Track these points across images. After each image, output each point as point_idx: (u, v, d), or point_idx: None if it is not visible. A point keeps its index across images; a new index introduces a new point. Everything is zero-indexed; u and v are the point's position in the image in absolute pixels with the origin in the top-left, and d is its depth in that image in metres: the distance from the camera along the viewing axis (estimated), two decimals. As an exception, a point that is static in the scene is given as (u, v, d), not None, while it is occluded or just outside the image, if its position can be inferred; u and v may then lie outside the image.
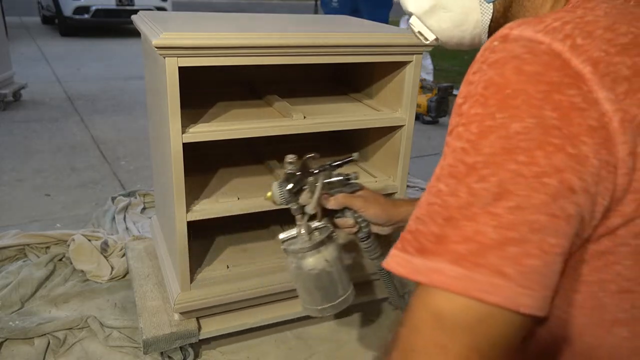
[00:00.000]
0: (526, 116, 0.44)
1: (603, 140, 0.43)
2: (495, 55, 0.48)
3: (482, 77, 0.48)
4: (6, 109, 3.96)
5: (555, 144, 0.43)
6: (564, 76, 0.44)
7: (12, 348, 1.55)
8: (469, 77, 0.50)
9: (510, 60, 0.46)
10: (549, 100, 0.44)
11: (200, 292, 1.43)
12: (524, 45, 0.46)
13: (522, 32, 0.47)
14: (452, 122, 0.50)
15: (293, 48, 1.28)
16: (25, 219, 2.32)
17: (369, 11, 4.01)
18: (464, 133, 0.48)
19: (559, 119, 0.44)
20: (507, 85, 0.45)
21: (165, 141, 1.31)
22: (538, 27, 0.47)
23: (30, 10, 10.13)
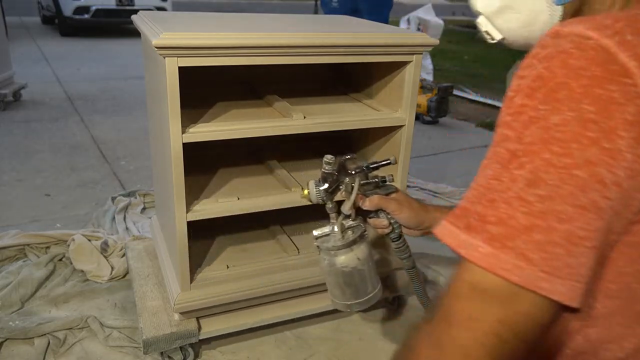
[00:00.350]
0: (566, 109, 0.46)
1: (639, 134, 0.44)
2: (545, 51, 0.50)
3: (532, 72, 0.50)
4: (6, 109, 3.96)
5: (591, 137, 0.45)
6: (607, 71, 0.45)
7: (12, 348, 1.55)
8: (521, 72, 0.52)
9: (557, 54, 0.48)
10: (589, 94, 0.45)
11: (200, 292, 1.43)
12: (572, 41, 0.48)
13: (572, 29, 0.49)
14: (502, 112, 0.53)
15: (293, 48, 1.28)
16: (25, 219, 2.32)
17: (369, 11, 4.01)
18: (511, 123, 0.50)
19: (597, 112, 0.45)
20: (552, 79, 0.47)
21: (165, 141, 1.31)
22: (589, 24, 0.48)
23: (30, 10, 10.13)
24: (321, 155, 1.23)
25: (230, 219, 1.47)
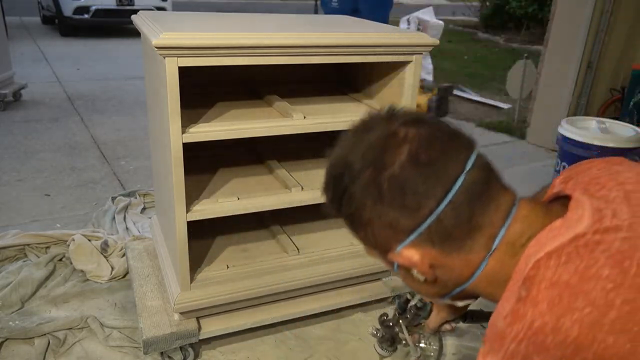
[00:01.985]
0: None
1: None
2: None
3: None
4: (6, 109, 3.96)
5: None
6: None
7: (12, 348, 1.55)
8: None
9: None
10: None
11: (200, 292, 1.43)
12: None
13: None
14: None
15: (293, 48, 1.28)
16: (25, 219, 2.32)
17: (369, 11, 4.01)
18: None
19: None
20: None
21: (165, 141, 1.31)
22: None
23: (30, 10, 10.13)
24: (321, 155, 1.23)
25: (230, 219, 1.47)
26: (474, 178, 0.65)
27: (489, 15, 11.52)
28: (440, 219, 0.65)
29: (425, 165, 0.64)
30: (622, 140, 2.42)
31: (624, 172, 0.70)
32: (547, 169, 3.27)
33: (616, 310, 0.53)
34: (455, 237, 0.66)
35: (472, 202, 0.65)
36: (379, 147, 0.67)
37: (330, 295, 1.66)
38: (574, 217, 0.63)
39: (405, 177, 0.64)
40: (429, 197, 0.64)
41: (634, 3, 3.41)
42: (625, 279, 0.55)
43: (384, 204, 0.66)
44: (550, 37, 3.60)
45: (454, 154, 0.66)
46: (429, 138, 0.66)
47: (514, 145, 3.81)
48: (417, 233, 0.66)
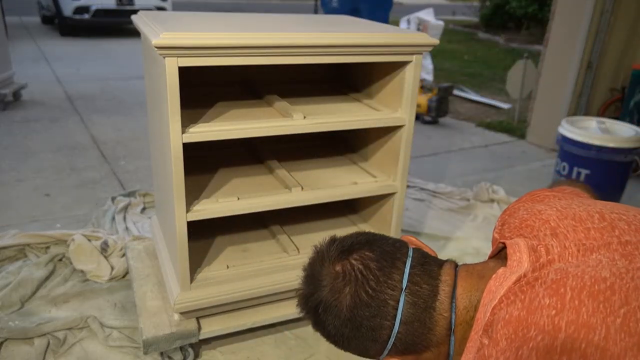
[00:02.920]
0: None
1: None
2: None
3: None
4: (6, 109, 3.96)
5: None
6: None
7: (12, 348, 1.55)
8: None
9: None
10: None
11: (200, 292, 1.43)
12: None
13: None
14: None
15: (293, 48, 1.28)
16: (25, 219, 2.32)
17: (369, 11, 4.01)
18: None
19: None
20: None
21: (165, 141, 1.31)
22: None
23: (30, 10, 10.13)
24: (321, 155, 1.24)
25: (230, 219, 1.47)
26: (414, 289, 0.74)
27: (489, 15, 11.52)
28: (399, 338, 0.74)
29: (367, 305, 0.73)
30: (622, 140, 2.42)
31: (546, 211, 0.79)
32: (547, 169, 3.27)
33: (563, 332, 0.59)
34: (418, 342, 0.75)
35: (420, 312, 0.74)
36: (329, 294, 0.76)
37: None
38: (515, 261, 0.71)
39: (356, 318, 0.74)
40: (382, 327, 0.74)
41: (634, 3, 3.41)
42: (564, 303, 0.61)
43: (351, 340, 0.76)
44: (550, 37, 3.60)
45: (388, 278, 0.74)
46: (363, 271, 0.75)
47: (514, 145, 3.81)
48: (385, 354, 0.77)
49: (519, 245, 0.73)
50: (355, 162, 1.77)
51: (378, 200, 1.72)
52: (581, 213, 0.77)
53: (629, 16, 3.44)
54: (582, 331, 0.59)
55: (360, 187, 1.57)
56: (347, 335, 0.76)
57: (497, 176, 3.10)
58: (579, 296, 0.61)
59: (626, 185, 2.58)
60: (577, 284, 0.63)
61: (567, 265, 0.67)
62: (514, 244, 0.74)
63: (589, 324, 0.59)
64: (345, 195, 1.55)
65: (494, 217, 2.53)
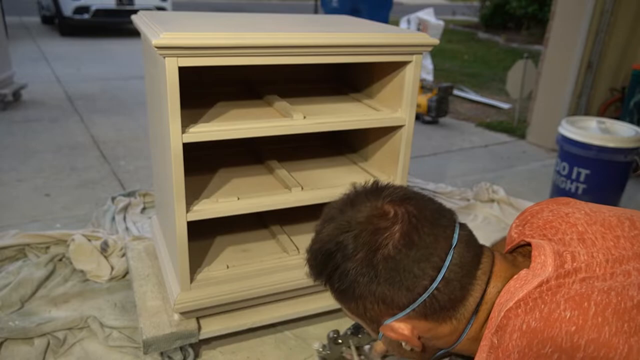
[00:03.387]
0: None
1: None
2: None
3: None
4: (6, 109, 3.96)
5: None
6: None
7: (12, 348, 1.55)
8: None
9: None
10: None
11: (200, 292, 1.43)
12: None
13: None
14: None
15: (293, 48, 1.28)
16: (25, 219, 2.32)
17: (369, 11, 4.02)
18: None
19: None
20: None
21: (165, 141, 1.31)
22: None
23: (30, 10, 10.13)
24: (321, 155, 1.24)
25: (230, 219, 1.47)
26: (461, 251, 0.71)
27: (489, 15, 11.52)
28: (434, 295, 0.69)
29: (418, 246, 0.68)
30: (622, 140, 2.42)
31: (574, 214, 0.75)
32: (547, 169, 3.27)
33: (582, 352, 0.57)
34: (447, 308, 0.71)
35: (462, 275, 0.70)
36: (371, 227, 0.70)
37: (330, 295, 1.65)
38: (538, 265, 0.68)
39: (400, 258, 0.68)
40: (423, 277, 0.68)
41: (634, 3, 3.41)
42: (586, 319, 0.58)
43: (379, 283, 0.69)
44: (550, 37, 3.60)
45: (441, 229, 0.70)
46: (418, 216, 0.70)
47: (514, 145, 3.81)
48: (411, 309, 0.70)
49: (544, 248, 0.70)
50: (355, 162, 1.77)
51: (378, 200, 1.72)
52: (611, 219, 0.73)
53: (629, 16, 3.44)
54: (602, 351, 0.56)
55: (360, 187, 1.57)
56: (376, 277, 0.69)
57: (497, 176, 3.10)
58: (603, 313, 0.59)
59: (626, 185, 2.58)
60: (602, 300, 0.60)
61: (593, 277, 0.64)
62: (539, 246, 0.71)
63: (610, 344, 0.57)
64: (345, 195, 1.55)
65: (494, 217, 2.53)
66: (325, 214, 0.77)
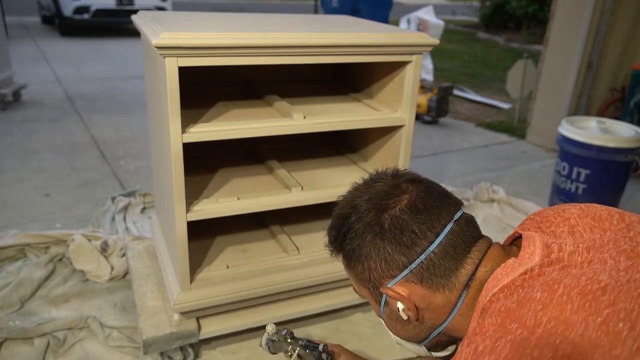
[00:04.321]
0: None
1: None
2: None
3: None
4: (6, 109, 3.96)
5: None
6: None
7: (12, 348, 1.55)
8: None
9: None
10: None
11: (200, 292, 1.43)
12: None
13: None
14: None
15: (293, 48, 1.28)
16: (25, 219, 2.32)
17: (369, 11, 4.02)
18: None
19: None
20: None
21: (165, 141, 1.31)
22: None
23: (30, 10, 10.13)
24: (321, 155, 1.24)
25: (230, 219, 1.47)
26: (460, 226, 0.78)
27: (489, 15, 11.52)
28: (430, 257, 0.75)
29: (422, 212, 0.77)
30: (622, 140, 2.42)
31: (569, 209, 0.81)
32: (547, 169, 3.27)
33: (542, 327, 0.60)
34: (440, 275, 0.76)
35: (458, 246, 0.77)
36: (384, 194, 0.79)
37: (330, 295, 1.66)
38: (526, 254, 0.73)
39: (405, 219, 0.76)
40: (423, 237, 0.75)
41: (634, 3, 3.41)
42: (552, 299, 0.62)
43: (384, 240, 0.77)
44: (550, 37, 3.60)
45: (445, 206, 0.78)
46: (426, 192, 0.79)
47: (514, 145, 3.81)
48: (409, 270, 0.76)
49: (534, 240, 0.75)
50: (355, 162, 1.77)
51: (378, 200, 1.72)
52: (602, 212, 0.78)
53: (629, 16, 3.44)
54: (560, 327, 0.60)
55: (360, 187, 1.57)
56: (381, 234, 0.76)
57: (497, 176, 3.10)
58: (569, 293, 0.62)
59: (626, 185, 2.58)
60: (571, 282, 0.64)
61: (572, 265, 0.69)
62: (529, 237, 0.76)
63: (569, 321, 0.60)
64: (345, 195, 1.55)
65: (494, 217, 2.53)
66: (350, 189, 0.86)
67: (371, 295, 0.84)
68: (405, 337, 0.87)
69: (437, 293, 0.77)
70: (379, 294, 0.81)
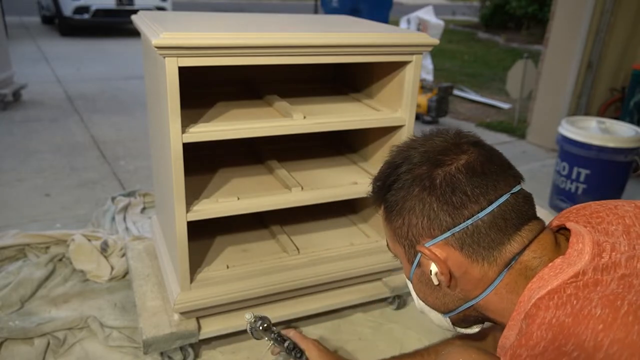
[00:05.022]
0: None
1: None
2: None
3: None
4: (6, 109, 3.96)
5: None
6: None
7: (12, 348, 1.55)
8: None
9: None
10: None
11: (200, 292, 1.43)
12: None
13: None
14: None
15: (293, 48, 1.28)
16: (25, 219, 2.32)
17: (369, 11, 4.02)
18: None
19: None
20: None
21: (165, 141, 1.31)
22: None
23: (30, 10, 10.13)
24: (321, 155, 1.24)
25: (230, 219, 1.47)
26: (517, 200, 0.72)
27: (489, 15, 11.52)
28: (477, 224, 0.70)
29: (479, 175, 0.71)
30: (622, 140, 2.42)
31: (623, 206, 0.74)
32: (547, 169, 3.27)
33: (603, 352, 0.54)
34: (484, 245, 0.71)
35: (510, 218, 0.70)
36: (442, 149, 0.74)
37: (330, 295, 1.66)
38: (575, 252, 0.67)
39: (459, 178, 0.71)
40: (475, 201, 0.70)
41: (634, 3, 3.41)
42: (616, 318, 0.55)
43: (432, 195, 0.71)
44: (550, 37, 3.60)
45: (504, 176, 0.73)
46: (487, 157, 0.73)
47: (514, 145, 3.81)
48: (452, 232, 0.71)
49: (583, 236, 0.69)
50: (355, 162, 1.77)
51: (378, 200, 1.72)
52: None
53: (629, 16, 3.44)
54: (625, 352, 0.53)
55: (360, 187, 1.57)
56: (430, 188, 0.71)
57: (497, 176, 3.09)
58: (635, 312, 0.55)
59: (626, 185, 2.58)
60: (637, 299, 0.57)
61: (633, 273, 0.62)
62: (578, 233, 0.70)
63: (636, 345, 0.53)
64: (345, 195, 1.55)
65: (494, 217, 2.53)
66: (404, 141, 0.82)
67: (405, 254, 0.79)
68: (432, 304, 0.81)
69: (476, 264, 0.72)
70: (414, 253, 0.76)
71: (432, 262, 0.74)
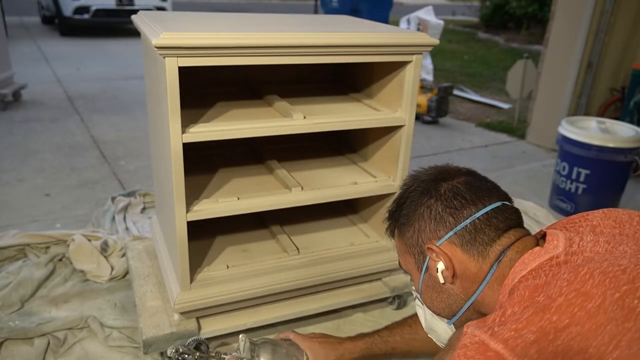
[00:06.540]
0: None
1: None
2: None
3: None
4: (6, 109, 3.96)
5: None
6: (487, 357, 0.65)
7: (12, 348, 1.55)
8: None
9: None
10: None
11: (200, 292, 1.43)
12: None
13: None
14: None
15: (293, 48, 1.28)
16: (25, 219, 2.32)
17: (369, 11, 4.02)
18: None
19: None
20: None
21: (165, 141, 1.31)
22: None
23: (30, 10, 10.13)
24: (321, 155, 1.24)
25: (230, 219, 1.47)
26: (507, 208, 0.88)
27: (489, 15, 11.52)
28: (475, 222, 0.85)
29: (475, 187, 0.89)
30: (622, 140, 2.42)
31: (593, 213, 0.89)
32: (547, 169, 3.27)
33: (564, 297, 0.67)
34: (479, 241, 0.85)
35: (501, 220, 0.86)
36: (445, 171, 0.93)
37: (330, 295, 1.66)
38: (551, 245, 0.81)
39: (459, 187, 0.88)
40: (472, 204, 0.86)
41: (634, 3, 3.41)
42: (577, 276, 0.69)
43: (437, 201, 0.88)
44: (550, 37, 3.60)
45: (496, 191, 0.91)
46: (482, 180, 0.92)
47: (514, 145, 3.81)
48: (454, 231, 0.86)
49: (558, 235, 0.83)
50: (355, 162, 1.77)
51: (378, 200, 1.72)
52: (623, 215, 0.87)
53: (629, 16, 3.44)
54: (580, 298, 0.66)
55: (360, 187, 1.57)
56: (436, 195, 0.88)
57: (497, 176, 3.10)
58: (591, 272, 0.69)
59: (626, 185, 2.58)
60: (594, 265, 0.70)
61: (594, 256, 0.76)
62: (553, 233, 0.85)
63: (589, 293, 0.66)
64: (345, 195, 1.55)
65: (494, 217, 2.53)
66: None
67: (415, 263, 0.92)
68: (438, 309, 0.93)
69: (472, 260, 0.85)
70: (423, 258, 0.90)
71: (439, 260, 0.87)
